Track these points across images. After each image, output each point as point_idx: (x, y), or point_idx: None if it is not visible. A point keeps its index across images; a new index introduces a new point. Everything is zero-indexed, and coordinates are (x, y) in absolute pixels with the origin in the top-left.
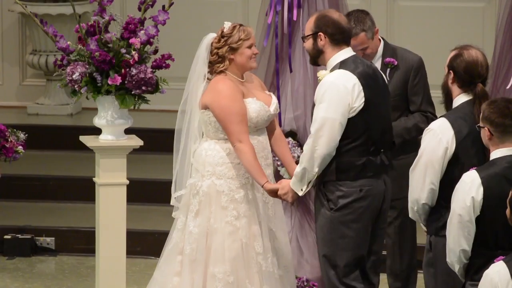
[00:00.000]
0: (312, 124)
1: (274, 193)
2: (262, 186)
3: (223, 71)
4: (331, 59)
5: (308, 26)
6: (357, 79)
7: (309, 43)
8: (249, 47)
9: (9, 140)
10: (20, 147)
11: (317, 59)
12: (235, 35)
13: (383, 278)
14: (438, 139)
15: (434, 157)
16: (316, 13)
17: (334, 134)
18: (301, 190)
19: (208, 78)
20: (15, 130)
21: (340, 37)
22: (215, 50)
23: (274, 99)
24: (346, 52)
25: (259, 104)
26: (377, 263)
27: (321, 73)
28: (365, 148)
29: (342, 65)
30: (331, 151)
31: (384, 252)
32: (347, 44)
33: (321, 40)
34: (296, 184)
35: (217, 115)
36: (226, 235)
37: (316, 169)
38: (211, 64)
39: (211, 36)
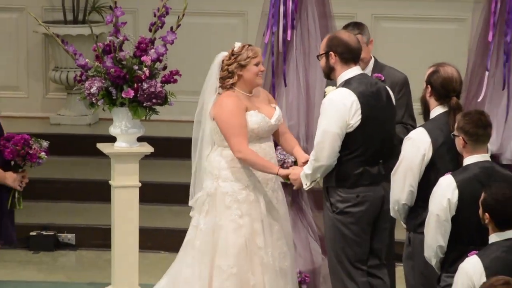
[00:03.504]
0: (316, 135)
1: (287, 177)
2: (277, 174)
3: (232, 87)
4: (340, 76)
5: (322, 46)
6: (356, 98)
7: (322, 61)
8: (256, 64)
9: (33, 147)
10: (43, 153)
11: (329, 74)
12: (244, 53)
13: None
14: (416, 146)
15: (413, 163)
16: (328, 34)
17: (335, 146)
18: (306, 184)
19: (219, 93)
20: (38, 139)
21: (349, 56)
22: (226, 67)
23: (277, 111)
24: (353, 71)
25: (260, 117)
26: (381, 261)
27: (328, 89)
28: (363, 159)
29: (346, 83)
30: (332, 162)
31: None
32: (355, 62)
33: (332, 58)
34: (303, 178)
35: (219, 127)
36: (230, 232)
37: (318, 175)
38: (222, 79)
39: (223, 54)
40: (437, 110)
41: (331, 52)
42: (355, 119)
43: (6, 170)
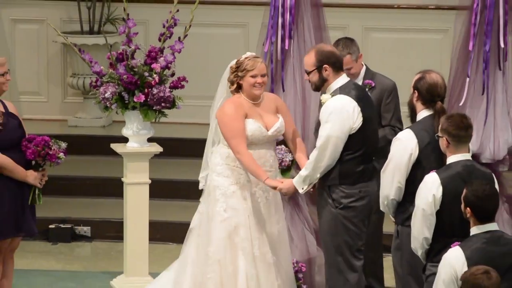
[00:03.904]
0: (318, 139)
1: (274, 188)
2: (264, 182)
3: (238, 92)
4: (332, 84)
5: (310, 62)
6: (355, 103)
7: (314, 76)
8: (253, 76)
9: (52, 148)
10: (62, 153)
11: (321, 87)
12: (243, 65)
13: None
14: (404, 146)
15: (401, 161)
16: (313, 48)
17: (337, 149)
18: (302, 188)
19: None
20: (57, 140)
21: (339, 64)
22: (229, 75)
23: (277, 123)
24: (343, 78)
25: (256, 126)
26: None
27: (324, 97)
28: (363, 157)
29: (342, 90)
30: (332, 162)
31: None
32: (343, 70)
33: (326, 70)
34: (299, 183)
35: (220, 129)
36: (217, 223)
37: (318, 175)
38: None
39: (233, 62)
40: (423, 113)
41: (325, 65)
42: (358, 123)
43: (28, 169)
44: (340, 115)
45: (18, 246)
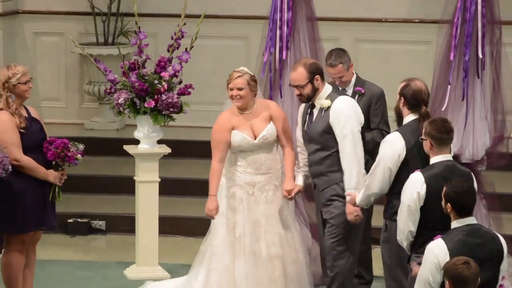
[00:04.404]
0: (343, 138)
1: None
2: (208, 196)
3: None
4: (322, 92)
5: (302, 76)
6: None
7: (308, 89)
8: (230, 89)
9: (71, 150)
10: (79, 155)
11: (313, 97)
12: (228, 77)
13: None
14: (393, 147)
15: (391, 161)
16: (299, 64)
17: (361, 141)
18: (358, 194)
19: None
20: (75, 142)
21: (323, 73)
22: None
23: (263, 132)
24: (328, 85)
25: (240, 136)
26: None
27: (324, 102)
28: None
29: (337, 93)
30: None
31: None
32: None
33: (317, 80)
34: (362, 198)
35: None
36: (221, 219)
37: (363, 170)
38: None
39: None
40: (409, 118)
41: (316, 76)
42: (362, 117)
43: (49, 169)
44: (353, 110)
45: (40, 239)
